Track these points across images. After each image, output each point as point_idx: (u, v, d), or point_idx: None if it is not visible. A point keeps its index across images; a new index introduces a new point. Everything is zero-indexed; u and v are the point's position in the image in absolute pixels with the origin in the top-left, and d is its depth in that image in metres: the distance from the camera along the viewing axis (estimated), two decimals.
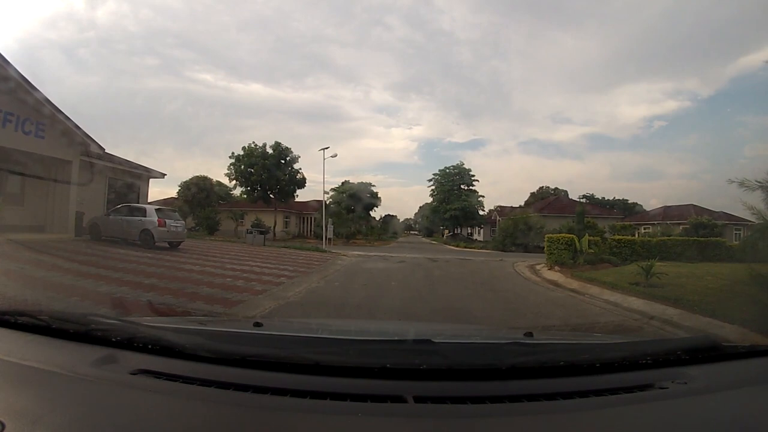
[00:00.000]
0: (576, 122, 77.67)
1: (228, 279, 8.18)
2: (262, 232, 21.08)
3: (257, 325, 1.65)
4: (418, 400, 1.00)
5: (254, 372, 1.08)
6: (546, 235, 15.96)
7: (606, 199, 52.35)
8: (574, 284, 10.52)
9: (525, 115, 74.34)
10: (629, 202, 51.20)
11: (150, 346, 1.18)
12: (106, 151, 16.63)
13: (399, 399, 1.00)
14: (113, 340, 1.21)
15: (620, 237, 19.55)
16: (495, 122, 76.90)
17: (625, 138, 72.05)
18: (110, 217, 13.84)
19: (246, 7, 68.16)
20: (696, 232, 23.39)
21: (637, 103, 70.59)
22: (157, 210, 13.39)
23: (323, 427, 0.90)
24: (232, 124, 68.54)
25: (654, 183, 68.89)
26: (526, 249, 28.26)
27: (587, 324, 5.52)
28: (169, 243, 13.85)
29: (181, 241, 14.15)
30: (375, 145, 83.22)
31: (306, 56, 76.42)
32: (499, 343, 1.50)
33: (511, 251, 27.15)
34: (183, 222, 13.98)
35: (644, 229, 33.39)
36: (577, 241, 14.65)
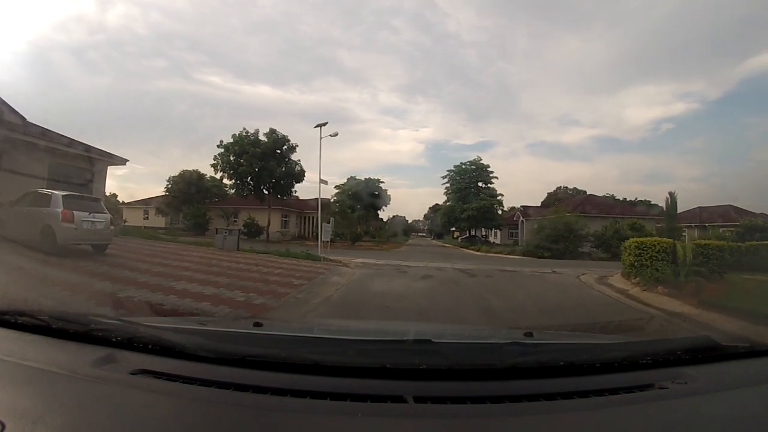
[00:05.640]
0: (584, 124, 76.01)
1: None
2: (242, 233, 16.53)
3: (257, 325, 1.61)
4: (418, 400, 0.97)
5: (254, 372, 1.06)
6: (630, 240, 11.45)
7: (627, 200, 47.21)
8: (725, 324, 6.16)
9: (532, 117, 72.21)
10: (651, 203, 46.13)
11: (150, 346, 1.15)
12: (48, 130, 12.76)
13: (399, 399, 0.97)
14: (113, 340, 1.18)
15: (706, 242, 15.10)
16: (502, 124, 74.28)
17: (633, 140, 70.60)
18: (15, 209, 9.62)
19: (254, 10, 66.05)
20: (749, 235, 19.48)
21: (644, 105, 69.91)
22: (64, 198, 8.93)
23: (323, 427, 0.88)
24: (240, 125, 66.93)
25: (663, 185, 65.77)
26: (563, 255, 23.95)
27: (587, 324, 5.02)
28: (93, 246, 9.59)
29: (106, 243, 9.76)
30: (382, 147, 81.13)
31: (314, 59, 74.24)
32: (499, 343, 1.41)
33: (546, 257, 22.67)
34: (107, 216, 9.52)
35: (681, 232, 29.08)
36: (680, 248, 10.18)
